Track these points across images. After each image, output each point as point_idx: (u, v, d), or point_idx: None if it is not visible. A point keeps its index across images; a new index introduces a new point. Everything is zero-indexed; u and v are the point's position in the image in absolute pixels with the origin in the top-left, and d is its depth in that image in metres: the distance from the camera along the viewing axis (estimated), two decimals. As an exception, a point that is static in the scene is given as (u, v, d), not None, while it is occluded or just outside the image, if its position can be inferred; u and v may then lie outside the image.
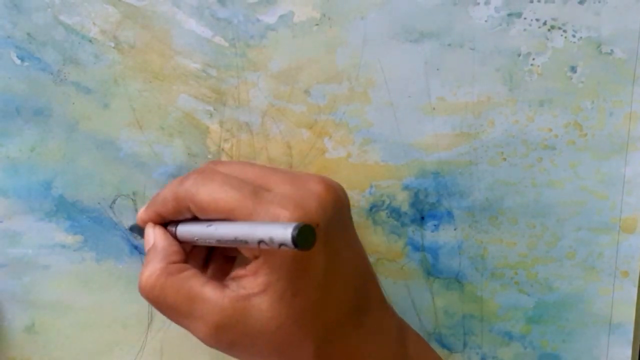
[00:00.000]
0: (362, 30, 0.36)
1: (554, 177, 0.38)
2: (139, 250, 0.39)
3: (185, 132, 0.38)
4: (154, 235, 0.34)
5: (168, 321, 0.39)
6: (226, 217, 0.31)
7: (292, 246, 0.27)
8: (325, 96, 0.37)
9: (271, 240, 0.27)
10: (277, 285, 0.30)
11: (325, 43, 0.37)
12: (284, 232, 0.27)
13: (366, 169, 0.38)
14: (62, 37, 0.37)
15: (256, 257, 0.31)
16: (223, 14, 0.36)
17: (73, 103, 0.37)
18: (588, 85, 0.37)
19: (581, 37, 0.36)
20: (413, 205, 0.38)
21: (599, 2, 0.36)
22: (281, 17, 0.36)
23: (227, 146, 0.38)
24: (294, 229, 0.26)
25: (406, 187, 0.38)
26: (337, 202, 0.32)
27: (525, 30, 0.36)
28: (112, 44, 0.37)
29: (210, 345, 0.32)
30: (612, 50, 0.36)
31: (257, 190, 0.31)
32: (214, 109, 0.38)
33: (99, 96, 0.37)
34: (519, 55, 0.37)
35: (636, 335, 0.39)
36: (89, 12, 0.36)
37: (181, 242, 0.34)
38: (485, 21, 0.36)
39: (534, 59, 0.37)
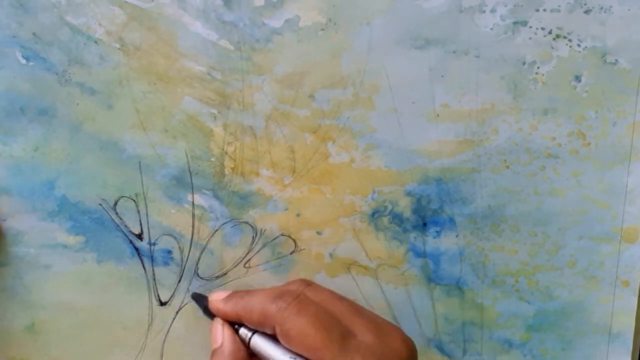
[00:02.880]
0: (367, 36, 0.37)
1: (557, 185, 0.38)
2: (140, 252, 0.39)
3: (189, 135, 0.38)
4: (222, 336, 0.35)
5: (168, 323, 0.39)
6: (308, 353, 0.32)
7: None
8: (330, 101, 0.37)
9: None
10: None
11: (331, 48, 0.37)
12: None
13: (369, 175, 0.38)
14: (68, 37, 0.37)
15: None
16: (229, 17, 0.37)
17: (77, 104, 0.37)
18: (592, 95, 0.37)
19: (586, 47, 0.36)
20: (415, 211, 0.38)
21: (605, 12, 0.36)
22: (287, 21, 0.36)
23: (230, 149, 0.38)
24: None
25: (409, 193, 0.38)
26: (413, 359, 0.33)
27: (530, 38, 0.36)
28: (118, 46, 0.37)
29: None
30: (616, 60, 0.36)
31: (344, 336, 0.32)
32: (218, 112, 0.38)
33: (104, 97, 0.37)
34: (524, 63, 0.37)
35: (636, 345, 0.39)
36: (95, 13, 0.36)
37: (247, 348, 0.35)
38: (491, 29, 0.36)
39: (538, 68, 0.37)
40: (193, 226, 0.39)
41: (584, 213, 0.38)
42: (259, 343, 0.34)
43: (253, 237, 0.39)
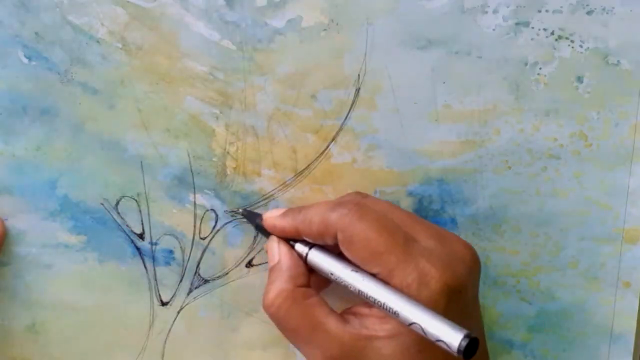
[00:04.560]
0: (369, 36, 0.37)
1: (559, 186, 0.38)
2: (141, 252, 0.39)
3: (190, 135, 0.38)
4: (279, 253, 0.35)
5: (169, 323, 0.39)
6: (371, 259, 0.31)
7: (455, 352, 0.27)
8: (332, 101, 0.37)
9: (428, 332, 0.28)
10: (407, 338, 0.30)
11: (333, 48, 0.37)
12: (452, 337, 0.28)
13: (371, 175, 0.38)
14: (70, 37, 0.37)
15: (380, 305, 0.31)
16: (231, 17, 0.37)
17: (79, 103, 0.37)
18: (594, 96, 0.37)
19: (588, 48, 0.36)
20: (417, 211, 0.38)
21: (607, 13, 0.36)
22: (289, 21, 0.36)
23: (232, 149, 0.38)
24: (465, 339, 0.27)
25: (410, 194, 0.38)
26: (478, 269, 0.33)
27: (532, 39, 0.36)
28: (120, 45, 0.37)
29: None
30: (618, 61, 0.37)
31: (407, 240, 0.31)
32: (220, 112, 0.38)
33: (106, 97, 0.37)
34: (526, 64, 0.37)
35: (637, 346, 0.39)
36: (97, 13, 0.36)
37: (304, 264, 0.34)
38: (493, 30, 0.36)
39: (540, 69, 0.37)
40: (195, 226, 0.39)
41: (586, 214, 0.38)
42: (318, 257, 0.34)
43: (255, 237, 0.39)
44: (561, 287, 0.39)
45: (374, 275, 0.32)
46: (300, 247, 0.35)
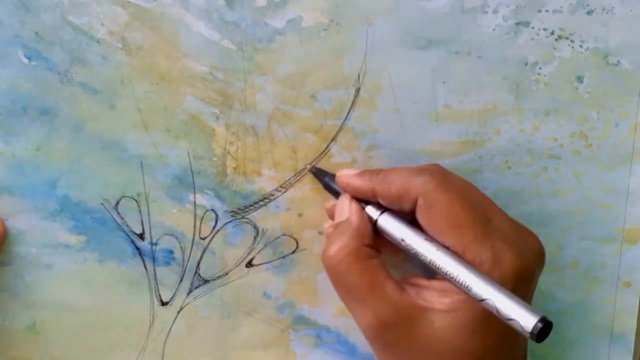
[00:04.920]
0: (369, 36, 0.37)
1: (559, 186, 0.38)
2: (141, 252, 0.39)
3: (191, 135, 0.38)
4: (349, 209, 0.34)
5: (169, 323, 0.39)
6: (449, 229, 0.31)
7: (528, 334, 0.27)
8: (332, 101, 0.37)
9: (501, 310, 0.28)
10: (464, 315, 0.30)
11: (333, 48, 0.37)
12: (526, 319, 0.28)
13: (371, 175, 0.38)
14: (70, 37, 0.37)
15: (451, 278, 0.31)
16: (231, 17, 0.37)
17: (79, 103, 0.37)
18: (594, 96, 0.37)
19: (588, 48, 0.36)
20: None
21: (607, 13, 0.36)
22: (289, 21, 0.36)
23: (232, 149, 0.38)
24: (541, 321, 0.27)
25: (410, 194, 0.38)
26: (544, 261, 0.33)
27: (532, 39, 0.36)
28: (120, 45, 0.37)
29: (368, 337, 0.32)
30: (618, 61, 0.37)
31: (486, 220, 0.31)
32: (220, 112, 0.38)
33: (106, 97, 0.37)
34: (526, 64, 0.37)
35: (637, 346, 0.39)
36: (98, 13, 0.37)
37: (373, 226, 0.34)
38: (493, 30, 0.36)
39: (540, 69, 0.37)
40: (195, 226, 0.39)
41: (586, 214, 0.38)
42: (389, 222, 0.33)
43: (254, 237, 0.39)
44: (561, 287, 0.39)
45: (447, 248, 0.31)
46: (371, 210, 0.34)
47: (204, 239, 0.39)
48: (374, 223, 0.34)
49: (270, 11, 0.36)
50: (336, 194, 0.36)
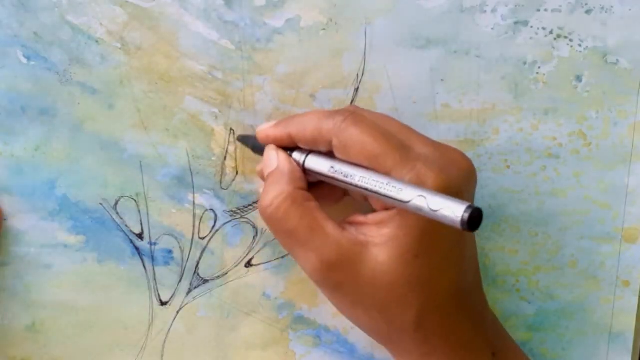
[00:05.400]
0: (368, 36, 0.37)
1: (558, 185, 0.38)
2: (140, 252, 0.39)
3: (190, 134, 0.38)
4: (277, 158, 0.34)
5: (169, 323, 0.39)
6: (367, 162, 0.31)
7: (459, 225, 0.27)
8: (331, 101, 0.37)
9: (430, 205, 0.28)
10: (403, 242, 0.30)
11: (332, 48, 0.37)
12: (455, 208, 0.27)
13: (370, 174, 0.38)
14: (69, 37, 0.37)
15: (386, 209, 0.31)
16: (230, 16, 0.37)
17: (78, 103, 0.37)
18: (593, 95, 0.37)
19: (587, 47, 0.36)
20: (416, 211, 0.38)
21: (606, 12, 0.36)
22: (288, 21, 0.36)
23: (231, 149, 0.38)
24: (470, 210, 0.27)
25: (410, 193, 0.38)
26: (474, 178, 0.33)
27: (531, 38, 0.36)
28: (119, 45, 0.37)
29: (315, 281, 0.32)
30: (617, 60, 0.37)
31: (403, 145, 0.31)
32: (220, 112, 0.38)
33: (105, 97, 0.37)
34: (525, 63, 0.37)
35: (636, 345, 0.39)
36: (96, 13, 0.37)
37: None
38: (492, 29, 0.36)
39: (539, 68, 0.37)
40: (194, 226, 0.39)
41: (585, 213, 0.38)
42: (315, 161, 0.33)
43: (254, 236, 0.39)
44: (560, 286, 0.39)
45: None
46: (297, 155, 0.34)
47: (203, 238, 0.39)
48: (302, 167, 0.34)
49: (269, 11, 0.36)
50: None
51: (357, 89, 0.37)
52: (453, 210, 0.27)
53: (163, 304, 0.39)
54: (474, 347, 0.33)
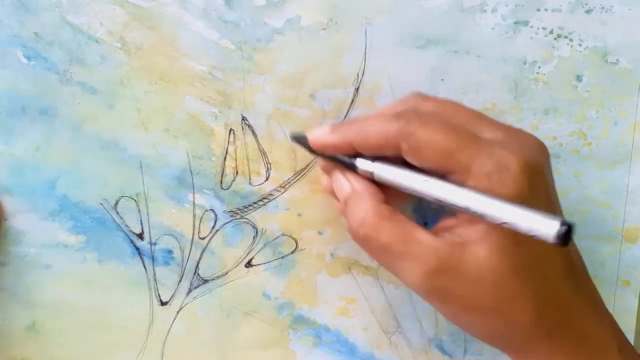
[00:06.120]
0: (369, 36, 0.37)
1: (558, 185, 0.38)
2: (141, 252, 0.39)
3: (190, 134, 0.38)
4: (348, 181, 0.33)
5: (169, 323, 0.39)
6: (443, 162, 0.30)
7: (552, 242, 0.26)
8: (331, 101, 0.37)
9: (520, 229, 0.27)
10: (500, 233, 0.29)
11: (332, 48, 0.37)
12: (547, 226, 0.26)
13: (370, 175, 0.38)
14: (70, 37, 0.37)
15: (464, 209, 0.30)
16: (230, 17, 0.37)
17: (79, 103, 0.37)
18: (593, 95, 0.37)
19: (587, 47, 0.36)
20: (416, 210, 0.38)
21: (606, 12, 0.36)
22: (288, 21, 0.36)
23: (231, 149, 0.38)
24: (562, 226, 0.26)
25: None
26: (549, 154, 0.32)
27: (531, 38, 0.36)
28: (119, 45, 0.37)
29: (421, 292, 0.31)
30: (618, 60, 0.37)
31: (475, 135, 0.30)
32: (220, 112, 0.38)
33: (105, 97, 0.37)
34: (525, 63, 0.37)
35: (636, 344, 0.39)
36: (97, 13, 0.37)
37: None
38: (492, 29, 0.36)
39: (540, 68, 0.37)
40: (194, 226, 0.39)
41: (586, 213, 0.38)
42: (386, 171, 0.32)
43: (254, 237, 0.39)
44: (561, 287, 0.39)
45: (450, 180, 0.30)
46: (362, 164, 0.32)
47: (203, 239, 0.39)
48: (372, 178, 0.33)
49: (270, 11, 0.36)
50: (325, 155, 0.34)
51: (357, 89, 0.37)
52: (544, 230, 0.27)
53: (163, 304, 0.39)
54: (599, 340, 0.31)
